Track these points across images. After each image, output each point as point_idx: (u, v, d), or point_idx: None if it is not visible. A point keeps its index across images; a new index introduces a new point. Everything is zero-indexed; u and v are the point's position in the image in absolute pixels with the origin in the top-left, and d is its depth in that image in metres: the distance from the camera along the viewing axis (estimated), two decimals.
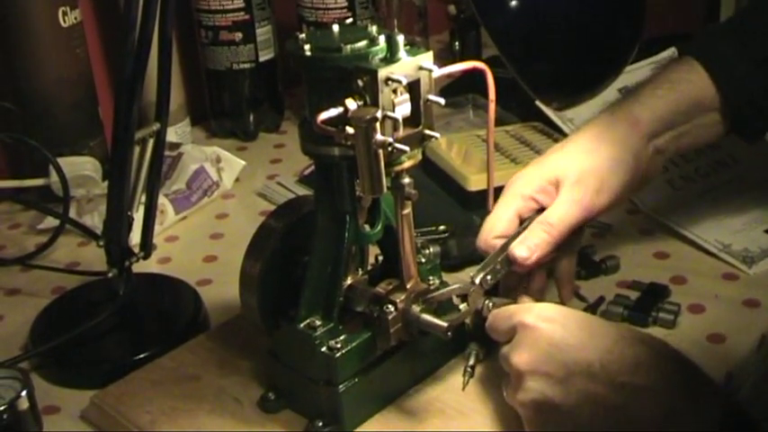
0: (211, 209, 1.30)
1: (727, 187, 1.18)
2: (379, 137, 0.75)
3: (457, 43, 1.62)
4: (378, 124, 0.75)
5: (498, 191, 1.10)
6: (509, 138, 1.28)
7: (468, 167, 1.21)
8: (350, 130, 0.76)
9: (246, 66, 1.44)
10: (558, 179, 0.94)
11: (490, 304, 0.91)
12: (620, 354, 0.78)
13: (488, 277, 0.91)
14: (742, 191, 1.18)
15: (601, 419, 0.77)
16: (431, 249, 1.05)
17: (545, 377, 0.79)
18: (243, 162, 1.34)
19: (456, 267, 1.09)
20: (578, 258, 1.08)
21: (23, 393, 0.87)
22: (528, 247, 0.91)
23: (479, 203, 1.12)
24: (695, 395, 0.76)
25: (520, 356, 0.81)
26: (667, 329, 0.99)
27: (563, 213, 0.92)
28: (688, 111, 0.95)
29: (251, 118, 1.48)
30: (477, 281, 0.91)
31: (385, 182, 0.77)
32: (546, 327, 0.81)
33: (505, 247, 0.92)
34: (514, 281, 0.96)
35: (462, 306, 0.90)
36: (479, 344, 0.92)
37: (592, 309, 1.02)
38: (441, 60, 0.83)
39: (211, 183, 1.29)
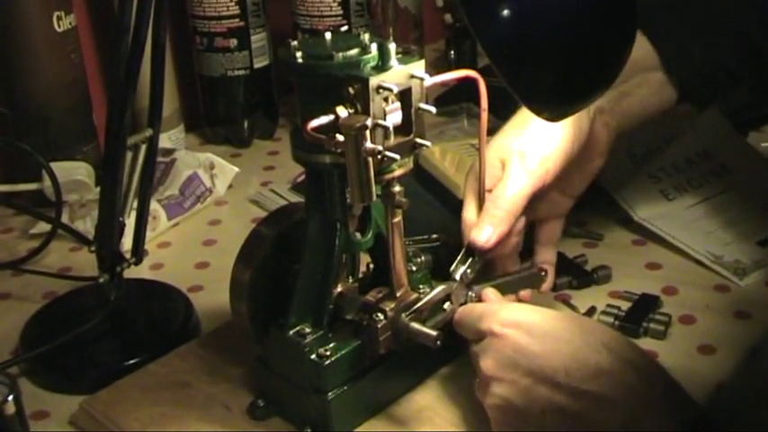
0: (204, 215, 1.30)
1: (719, 198, 1.18)
2: (368, 145, 0.75)
3: (452, 52, 1.62)
4: (368, 132, 0.75)
5: None
6: None
7: (462, 176, 1.20)
8: (340, 137, 0.76)
9: (241, 72, 1.44)
10: (502, 160, 0.97)
11: (473, 295, 0.92)
12: (584, 361, 0.78)
13: (468, 271, 0.93)
14: (735, 202, 1.17)
15: (564, 427, 0.78)
16: (422, 258, 1.05)
17: (510, 384, 0.80)
18: (236, 169, 1.34)
19: (448, 276, 1.09)
20: (570, 268, 1.09)
21: (10, 398, 0.87)
22: (483, 229, 0.94)
23: None
24: (658, 404, 0.76)
25: (486, 362, 0.82)
26: (658, 340, 0.99)
27: (509, 185, 0.95)
28: (625, 69, 0.98)
29: (245, 125, 1.48)
30: (458, 276, 0.92)
31: (374, 190, 0.77)
32: (511, 333, 0.81)
33: None
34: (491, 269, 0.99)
35: (447, 305, 0.90)
36: None
37: None
38: (436, 69, 0.83)
39: (204, 189, 1.29)
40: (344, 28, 1.41)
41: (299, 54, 0.80)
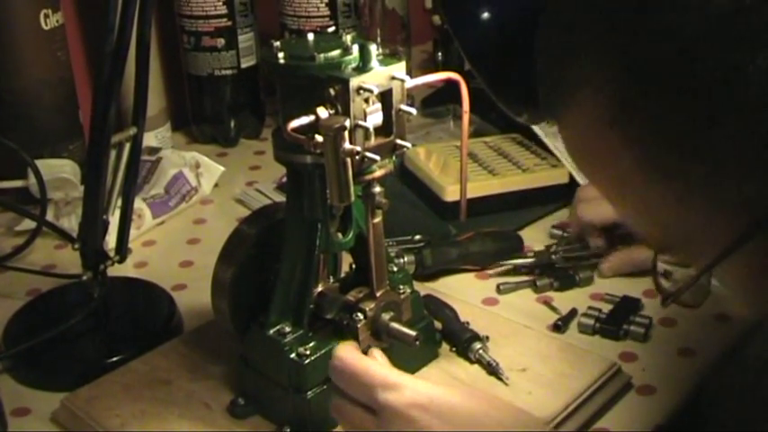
0: (189, 214, 1.30)
1: None
2: (347, 145, 0.75)
3: (440, 54, 1.62)
4: (346, 133, 0.76)
5: (473, 201, 1.11)
6: (487, 149, 1.29)
7: (446, 178, 1.22)
8: (319, 138, 0.76)
9: (228, 72, 1.44)
10: None
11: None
12: None
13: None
14: None
15: None
16: (405, 258, 1.06)
17: None
18: (222, 168, 1.35)
19: (431, 277, 1.09)
20: (552, 270, 1.09)
21: None
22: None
23: (456, 213, 1.13)
24: None
25: None
26: (638, 343, 1.00)
27: None
28: None
29: (232, 124, 1.48)
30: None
31: (353, 190, 0.77)
32: (417, 417, 0.73)
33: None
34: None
35: None
36: None
37: (564, 321, 1.02)
38: (424, 70, 0.83)
39: (190, 188, 1.30)
40: (332, 29, 1.41)
41: (281, 55, 0.80)
